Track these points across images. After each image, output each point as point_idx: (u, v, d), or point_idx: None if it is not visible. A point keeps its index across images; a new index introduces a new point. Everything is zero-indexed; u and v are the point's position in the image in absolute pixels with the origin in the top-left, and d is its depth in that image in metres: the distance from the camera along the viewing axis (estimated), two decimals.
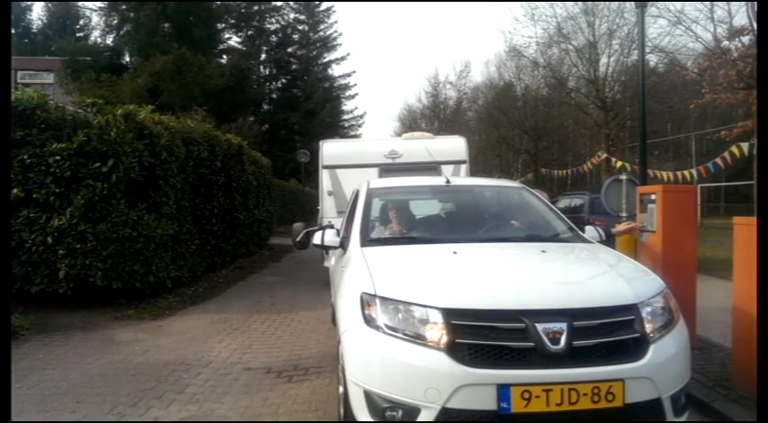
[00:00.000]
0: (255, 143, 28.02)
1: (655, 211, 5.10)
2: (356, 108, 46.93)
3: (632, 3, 10.97)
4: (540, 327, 2.65)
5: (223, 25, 31.32)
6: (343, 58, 41.59)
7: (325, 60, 41.45)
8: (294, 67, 40.50)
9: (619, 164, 22.56)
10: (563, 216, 4.50)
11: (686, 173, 22.23)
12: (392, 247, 3.74)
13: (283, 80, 40.60)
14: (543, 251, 3.59)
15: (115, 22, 23.30)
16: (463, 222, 4.52)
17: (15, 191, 6.42)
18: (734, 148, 16.26)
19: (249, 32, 37.39)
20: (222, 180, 10.59)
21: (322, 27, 40.97)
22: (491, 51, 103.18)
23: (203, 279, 9.42)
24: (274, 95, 39.86)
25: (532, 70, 29.86)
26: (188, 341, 5.82)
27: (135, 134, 7.30)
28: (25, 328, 5.96)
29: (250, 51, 34.04)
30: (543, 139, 32.94)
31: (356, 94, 45.09)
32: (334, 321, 4.80)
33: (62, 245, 6.57)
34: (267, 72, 40.31)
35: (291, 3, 39.66)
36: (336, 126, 41.41)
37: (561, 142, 39.63)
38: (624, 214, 6.33)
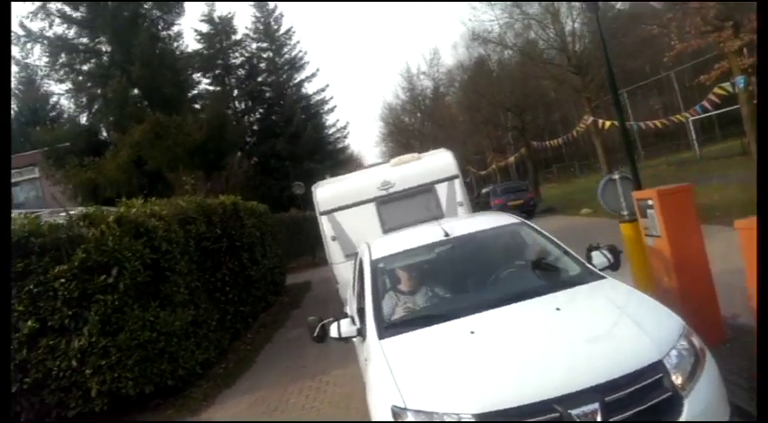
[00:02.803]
0: (248, 178, 28.12)
1: (655, 216, 5.10)
2: (338, 120, 47.19)
3: None
4: (574, 413, 2.70)
5: (189, 72, 31.37)
6: (313, 75, 41.77)
7: (296, 81, 41.61)
8: (268, 94, 40.68)
9: (607, 124, 22.51)
10: (565, 247, 4.52)
11: (678, 117, 22.25)
12: (410, 337, 3.72)
13: (260, 110, 40.83)
14: (558, 309, 3.60)
15: (84, 101, 23.42)
16: (470, 278, 4.55)
17: (30, 323, 6.47)
18: (717, 89, 16.25)
19: (217, 72, 37.53)
20: (225, 245, 10.61)
21: (286, 49, 41.05)
22: (456, 34, 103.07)
23: (230, 350, 9.44)
24: (255, 127, 39.98)
25: (502, 50, 29.74)
26: None
27: (131, 235, 7.33)
28: None
29: (223, 91, 34.10)
30: (527, 113, 32.81)
31: (335, 107, 45.35)
32: None
33: (87, 364, 6.61)
34: (243, 106, 40.43)
35: (251, 33, 39.81)
36: (323, 142, 41.55)
37: (546, 112, 39.43)
38: (625, 213, 6.31)
